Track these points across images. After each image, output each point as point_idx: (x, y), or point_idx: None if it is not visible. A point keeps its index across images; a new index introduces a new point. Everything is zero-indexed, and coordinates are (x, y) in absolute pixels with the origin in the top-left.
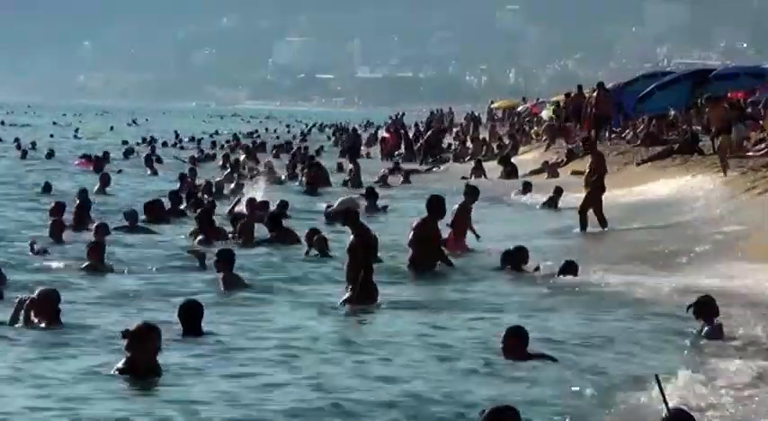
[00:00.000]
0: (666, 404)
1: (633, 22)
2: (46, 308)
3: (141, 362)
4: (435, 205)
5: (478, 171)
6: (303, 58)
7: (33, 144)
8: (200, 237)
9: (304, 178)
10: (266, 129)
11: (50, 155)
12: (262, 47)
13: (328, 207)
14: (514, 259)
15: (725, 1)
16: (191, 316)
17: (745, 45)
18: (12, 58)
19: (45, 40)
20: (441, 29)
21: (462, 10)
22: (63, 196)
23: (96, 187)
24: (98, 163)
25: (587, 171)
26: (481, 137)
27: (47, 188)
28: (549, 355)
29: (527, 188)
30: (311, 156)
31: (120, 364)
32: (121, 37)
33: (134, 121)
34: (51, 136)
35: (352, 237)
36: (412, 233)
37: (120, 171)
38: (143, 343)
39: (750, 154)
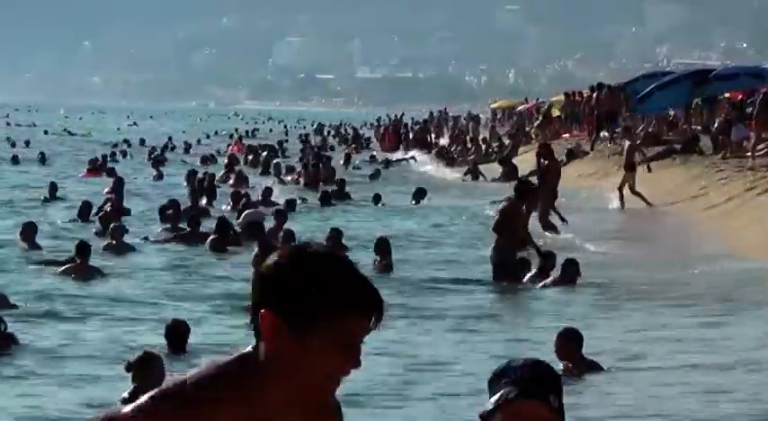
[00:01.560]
0: None
1: (633, 22)
2: None
3: (146, 391)
4: (525, 189)
5: (475, 172)
6: (303, 58)
7: (27, 143)
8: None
9: (302, 179)
10: (254, 130)
11: (42, 159)
12: (262, 47)
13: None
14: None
15: (725, 1)
16: (176, 335)
17: (745, 45)
18: (12, 58)
19: (45, 40)
20: (441, 29)
21: (462, 10)
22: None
23: (107, 189)
24: (106, 168)
25: (540, 175)
26: (481, 137)
27: (53, 190)
28: (599, 363)
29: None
30: (318, 154)
31: (125, 394)
32: (121, 37)
33: (134, 123)
34: (46, 132)
35: (256, 249)
36: (498, 216)
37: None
38: (146, 372)
39: (750, 154)
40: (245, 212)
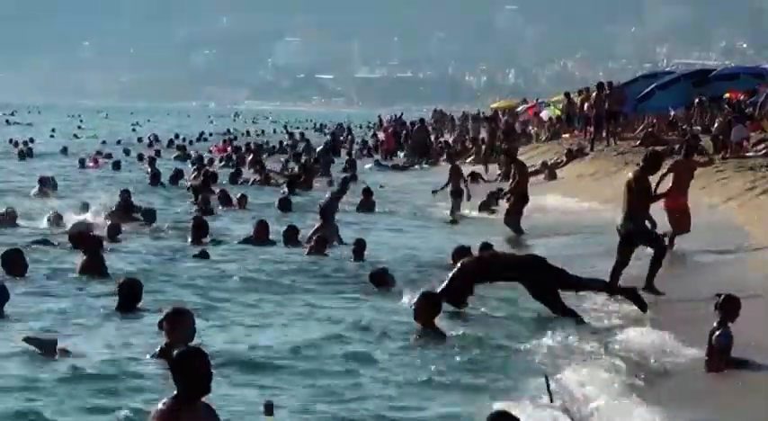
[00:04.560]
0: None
1: (633, 22)
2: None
3: (177, 345)
4: (651, 159)
5: (475, 175)
6: (303, 58)
7: (30, 146)
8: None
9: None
10: (261, 131)
11: (25, 154)
12: (262, 47)
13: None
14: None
15: (725, 1)
16: (129, 293)
17: (745, 45)
18: (12, 58)
19: (45, 40)
20: (440, 29)
21: (462, 10)
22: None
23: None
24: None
25: (511, 180)
26: (481, 136)
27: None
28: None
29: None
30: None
31: (156, 350)
32: (121, 37)
33: (137, 123)
34: (52, 135)
35: (84, 257)
36: (626, 188)
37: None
38: (178, 327)
39: (750, 154)
40: (74, 223)
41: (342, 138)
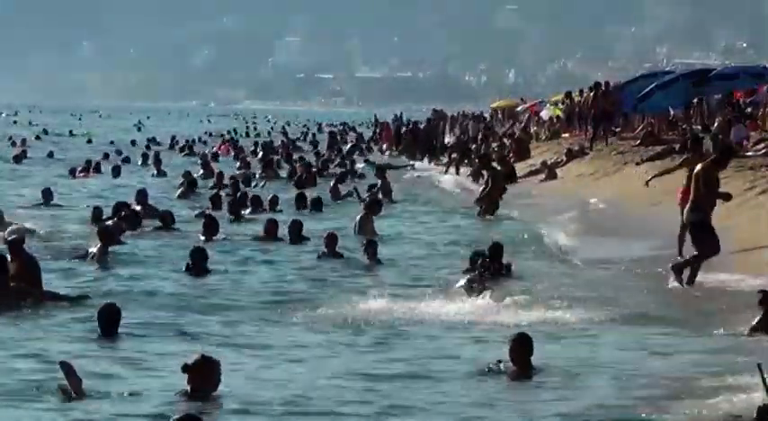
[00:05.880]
0: None
1: (633, 22)
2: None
3: (200, 393)
4: (724, 154)
5: (477, 175)
6: (303, 58)
7: (25, 149)
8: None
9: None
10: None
11: (21, 158)
12: (262, 47)
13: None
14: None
15: (725, 1)
16: (107, 319)
17: (745, 45)
18: (11, 58)
19: (45, 40)
20: (441, 29)
21: (462, 10)
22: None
23: (180, 191)
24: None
25: (485, 186)
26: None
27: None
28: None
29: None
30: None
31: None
32: (121, 37)
33: (139, 121)
34: (46, 132)
35: (16, 263)
36: (694, 177)
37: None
38: (204, 376)
39: (750, 154)
40: (9, 229)
41: (340, 138)
